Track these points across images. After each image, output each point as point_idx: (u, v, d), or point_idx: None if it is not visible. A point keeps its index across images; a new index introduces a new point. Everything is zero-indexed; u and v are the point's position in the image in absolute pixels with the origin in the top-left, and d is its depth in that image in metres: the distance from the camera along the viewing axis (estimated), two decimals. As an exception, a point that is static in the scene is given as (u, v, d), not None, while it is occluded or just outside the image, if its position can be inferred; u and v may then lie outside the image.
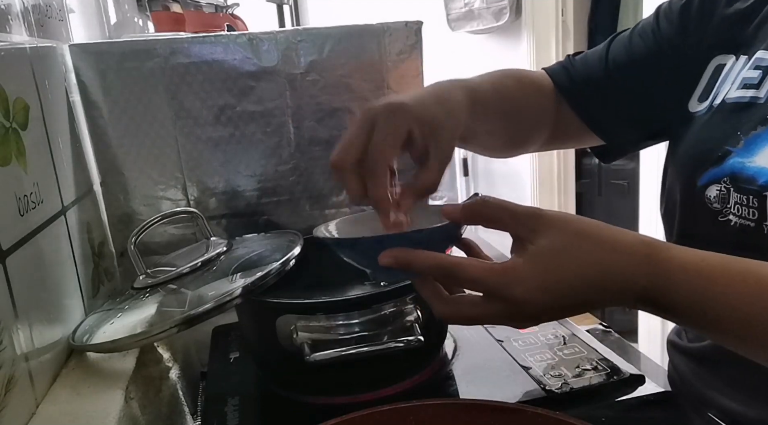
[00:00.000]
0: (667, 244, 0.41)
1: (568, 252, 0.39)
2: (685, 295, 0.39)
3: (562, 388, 0.55)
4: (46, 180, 0.56)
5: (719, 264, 0.39)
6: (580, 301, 0.40)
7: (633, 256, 0.40)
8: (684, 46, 0.60)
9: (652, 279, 0.39)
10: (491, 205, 0.42)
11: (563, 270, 0.39)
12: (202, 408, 0.65)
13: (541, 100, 0.67)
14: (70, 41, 0.71)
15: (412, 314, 0.54)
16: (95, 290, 0.66)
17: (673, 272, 0.39)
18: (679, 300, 0.39)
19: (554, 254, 0.39)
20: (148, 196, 0.74)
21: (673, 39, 0.61)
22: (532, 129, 0.68)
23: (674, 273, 0.39)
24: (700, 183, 0.53)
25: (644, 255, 0.40)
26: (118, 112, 0.71)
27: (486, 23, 2.49)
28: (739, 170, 0.50)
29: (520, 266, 0.39)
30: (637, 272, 0.39)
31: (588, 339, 0.64)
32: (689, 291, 0.39)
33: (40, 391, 0.49)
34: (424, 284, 0.43)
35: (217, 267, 0.61)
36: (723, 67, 0.56)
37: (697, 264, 0.39)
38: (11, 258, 0.46)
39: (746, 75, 0.53)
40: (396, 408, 0.43)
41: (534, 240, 0.40)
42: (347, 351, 0.51)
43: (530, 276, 0.39)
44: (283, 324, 0.54)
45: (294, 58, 0.73)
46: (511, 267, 0.40)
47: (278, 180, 0.76)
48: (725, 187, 0.51)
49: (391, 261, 0.42)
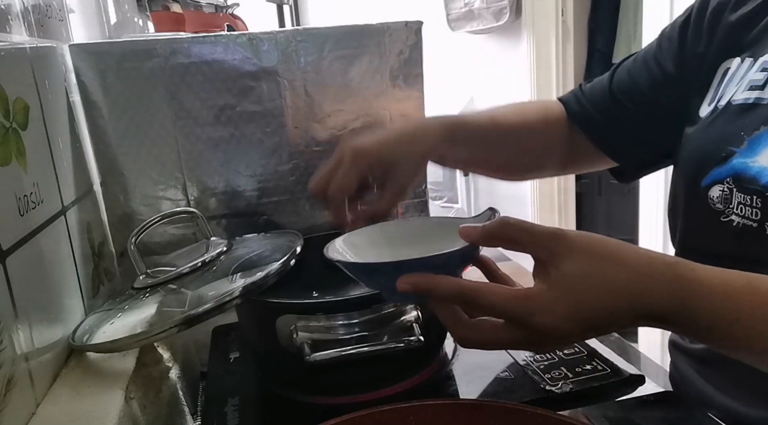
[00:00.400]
0: (692, 265, 0.40)
1: (593, 279, 0.39)
2: (711, 317, 0.38)
3: (562, 388, 0.55)
4: (46, 180, 0.56)
5: (746, 285, 0.39)
6: (604, 325, 0.40)
7: (659, 281, 0.39)
8: (687, 60, 0.61)
9: (680, 302, 0.38)
10: (511, 226, 0.41)
11: (589, 299, 0.38)
12: (202, 408, 0.65)
13: (548, 126, 0.70)
14: (70, 41, 0.71)
15: (411, 314, 0.54)
16: (95, 290, 0.66)
17: (700, 295, 0.39)
18: (704, 322, 0.39)
19: (579, 281, 0.38)
20: (148, 196, 0.74)
21: (676, 57, 0.62)
22: (539, 155, 0.71)
23: (701, 296, 0.39)
24: (704, 183, 0.53)
25: (671, 279, 0.39)
26: (118, 112, 0.71)
27: (486, 23, 2.49)
28: (742, 170, 0.50)
29: (544, 293, 0.39)
30: (664, 296, 0.39)
31: (588, 339, 0.64)
32: (716, 314, 0.38)
33: (40, 391, 0.49)
34: (444, 308, 0.42)
35: (217, 267, 0.61)
36: (728, 70, 0.57)
37: (723, 286, 0.39)
38: (11, 258, 0.46)
39: (752, 77, 0.53)
40: (396, 408, 0.43)
41: (557, 264, 0.39)
42: (347, 351, 0.51)
43: (555, 304, 0.38)
44: (283, 324, 0.54)
45: (294, 58, 0.73)
46: (535, 295, 0.39)
47: (278, 180, 0.77)
48: (728, 187, 0.51)
49: (409, 288, 0.41)
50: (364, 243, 0.52)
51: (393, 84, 0.76)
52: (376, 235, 0.53)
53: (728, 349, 0.41)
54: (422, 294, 0.41)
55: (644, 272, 0.39)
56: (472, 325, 0.42)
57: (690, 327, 0.40)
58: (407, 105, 0.77)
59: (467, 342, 0.42)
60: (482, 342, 0.42)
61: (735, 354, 0.41)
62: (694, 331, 0.40)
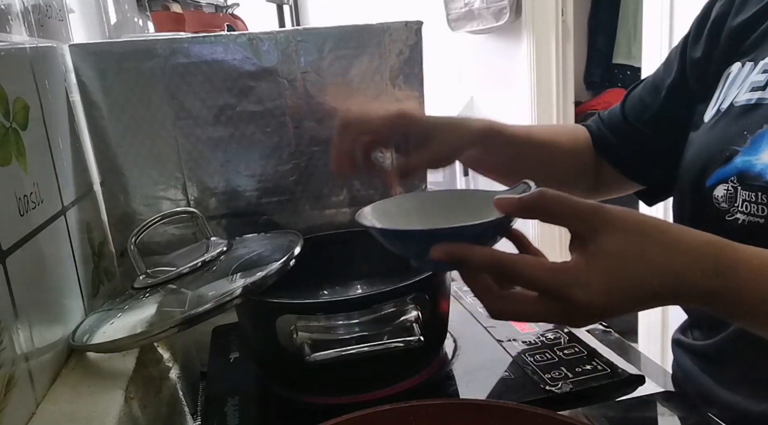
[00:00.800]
0: (732, 244, 0.40)
1: (633, 256, 0.38)
2: (752, 296, 0.38)
3: (562, 388, 0.55)
4: (46, 180, 0.56)
5: None
6: (640, 302, 0.39)
7: (700, 259, 0.39)
8: (690, 70, 0.63)
9: (721, 281, 0.38)
10: (549, 198, 0.40)
11: (627, 275, 0.38)
12: (202, 408, 0.65)
13: (577, 149, 0.73)
14: (70, 41, 0.71)
15: (412, 314, 0.54)
16: (95, 290, 0.66)
17: (741, 274, 0.39)
18: (745, 301, 0.39)
19: (618, 256, 0.38)
20: (148, 196, 0.74)
21: (680, 70, 0.65)
22: (568, 175, 0.73)
23: (743, 274, 0.39)
24: (708, 183, 0.53)
25: (712, 257, 0.39)
26: (118, 112, 0.71)
27: (486, 23, 2.49)
28: (746, 168, 0.50)
29: (582, 267, 0.38)
30: (705, 275, 0.38)
31: (588, 339, 0.64)
32: (757, 291, 0.38)
33: (40, 391, 0.49)
34: (476, 278, 0.42)
35: (217, 267, 0.61)
36: (730, 74, 0.58)
37: (762, 264, 0.39)
38: (11, 258, 0.46)
39: (754, 79, 0.54)
40: (396, 408, 0.43)
41: (596, 239, 0.38)
42: (347, 351, 0.51)
43: (592, 278, 0.38)
44: (283, 324, 0.54)
45: (294, 58, 0.73)
46: (572, 268, 0.39)
47: (278, 180, 0.76)
48: (732, 186, 0.51)
49: (444, 256, 0.41)
50: (396, 212, 0.51)
51: (393, 84, 0.76)
52: (408, 203, 0.52)
53: (755, 326, 0.41)
54: (457, 262, 0.41)
55: (684, 251, 0.39)
56: (505, 296, 0.41)
57: (729, 306, 0.40)
58: (407, 105, 0.77)
59: (499, 313, 0.42)
60: (515, 313, 0.42)
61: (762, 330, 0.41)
62: (735, 313, 0.41)
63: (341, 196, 0.79)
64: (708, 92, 0.60)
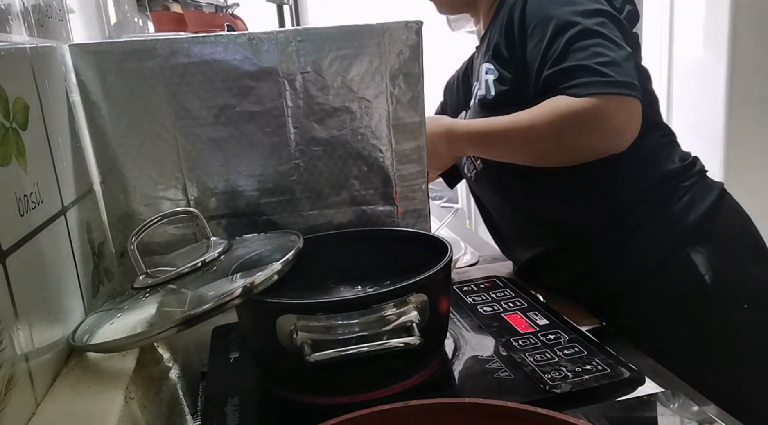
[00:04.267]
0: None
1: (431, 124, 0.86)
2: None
3: (562, 388, 0.55)
4: (46, 180, 0.56)
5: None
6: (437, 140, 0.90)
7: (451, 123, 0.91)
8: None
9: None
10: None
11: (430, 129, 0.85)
12: (202, 408, 0.65)
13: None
14: (70, 41, 0.71)
15: (412, 314, 0.54)
16: (95, 290, 0.66)
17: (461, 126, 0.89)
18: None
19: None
20: (148, 195, 0.74)
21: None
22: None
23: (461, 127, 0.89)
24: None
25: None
26: (118, 112, 0.71)
27: (486, 23, 2.48)
28: None
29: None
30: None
31: (588, 339, 0.64)
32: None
33: (40, 391, 0.49)
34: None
35: (217, 267, 0.61)
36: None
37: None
38: (11, 258, 0.46)
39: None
40: (396, 408, 0.42)
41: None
42: (347, 351, 0.51)
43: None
44: (283, 324, 0.54)
45: (294, 58, 0.73)
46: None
47: (278, 180, 0.76)
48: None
49: None
50: None
51: (393, 84, 0.76)
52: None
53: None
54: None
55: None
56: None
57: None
58: (407, 105, 0.77)
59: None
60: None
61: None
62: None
63: (341, 196, 0.79)
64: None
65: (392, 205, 0.80)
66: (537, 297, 0.77)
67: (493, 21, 0.91)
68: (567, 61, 0.76)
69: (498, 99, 0.86)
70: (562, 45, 0.77)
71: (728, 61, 1.83)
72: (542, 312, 0.71)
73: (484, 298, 0.77)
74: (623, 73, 0.74)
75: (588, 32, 0.76)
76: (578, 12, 0.78)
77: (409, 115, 0.78)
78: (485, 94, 0.88)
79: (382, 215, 0.80)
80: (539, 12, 0.81)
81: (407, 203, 0.81)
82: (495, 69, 0.87)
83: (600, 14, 0.78)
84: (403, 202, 0.81)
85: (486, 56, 0.89)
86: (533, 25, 0.81)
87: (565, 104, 0.75)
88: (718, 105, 1.89)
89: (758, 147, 1.95)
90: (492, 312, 0.73)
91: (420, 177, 0.81)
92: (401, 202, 0.80)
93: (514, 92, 0.84)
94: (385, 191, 0.79)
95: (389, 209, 0.80)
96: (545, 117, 0.76)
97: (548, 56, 0.78)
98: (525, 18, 0.82)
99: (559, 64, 0.77)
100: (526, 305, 0.74)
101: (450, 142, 0.90)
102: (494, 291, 0.79)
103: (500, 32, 0.86)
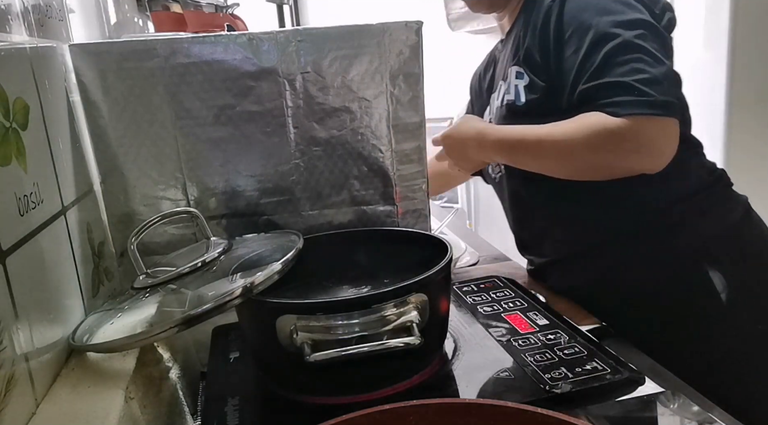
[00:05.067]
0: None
1: (461, 125, 0.93)
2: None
3: (562, 388, 0.55)
4: (46, 180, 0.56)
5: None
6: (467, 139, 0.91)
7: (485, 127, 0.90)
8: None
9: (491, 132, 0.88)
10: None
11: (459, 129, 0.92)
12: (202, 408, 0.65)
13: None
14: (70, 41, 0.71)
15: (412, 314, 0.54)
16: (95, 290, 0.66)
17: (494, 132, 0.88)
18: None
19: (455, 126, 0.93)
20: (148, 196, 0.74)
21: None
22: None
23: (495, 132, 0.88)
24: None
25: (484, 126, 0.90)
26: (118, 112, 0.71)
27: (486, 23, 2.48)
28: None
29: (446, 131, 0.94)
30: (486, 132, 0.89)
31: (588, 339, 0.64)
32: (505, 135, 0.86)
33: (40, 391, 0.49)
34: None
35: (217, 267, 0.61)
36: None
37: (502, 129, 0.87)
38: (11, 258, 0.46)
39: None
40: (396, 408, 0.42)
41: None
42: (347, 351, 0.51)
43: (447, 131, 0.94)
44: (283, 324, 0.54)
45: (294, 58, 0.73)
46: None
47: (278, 180, 0.76)
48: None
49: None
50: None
51: (393, 84, 0.76)
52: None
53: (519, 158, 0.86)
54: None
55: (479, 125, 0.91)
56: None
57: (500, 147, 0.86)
58: (407, 105, 0.77)
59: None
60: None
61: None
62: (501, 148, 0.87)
63: (341, 196, 0.79)
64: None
65: (392, 205, 0.80)
66: (537, 297, 0.77)
67: (521, 16, 0.88)
68: (605, 76, 0.73)
69: (527, 106, 0.83)
70: (601, 58, 0.73)
71: (728, 61, 1.83)
72: (542, 312, 0.71)
73: (484, 298, 0.77)
74: (663, 91, 0.71)
75: (628, 46, 0.73)
76: (618, 22, 0.74)
77: (409, 115, 0.78)
78: (514, 99, 0.85)
79: (382, 215, 0.80)
80: (577, 19, 0.77)
81: (407, 203, 0.81)
82: (526, 74, 0.84)
83: (641, 25, 0.75)
84: (403, 202, 0.81)
85: (515, 58, 0.86)
86: (570, 32, 0.78)
87: (602, 122, 0.72)
88: (718, 105, 1.89)
89: (758, 147, 1.95)
90: (492, 312, 0.73)
91: (420, 177, 0.81)
92: (401, 202, 0.80)
93: (545, 101, 0.81)
94: (385, 191, 0.79)
95: (389, 209, 0.80)
96: (580, 133, 0.74)
97: (585, 69, 0.75)
98: (562, 23, 0.79)
99: (597, 79, 0.74)
100: (526, 305, 0.74)
101: (480, 148, 0.88)
102: (494, 291, 0.79)
103: (533, 35, 0.83)
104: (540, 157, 0.81)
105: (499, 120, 0.92)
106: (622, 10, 0.76)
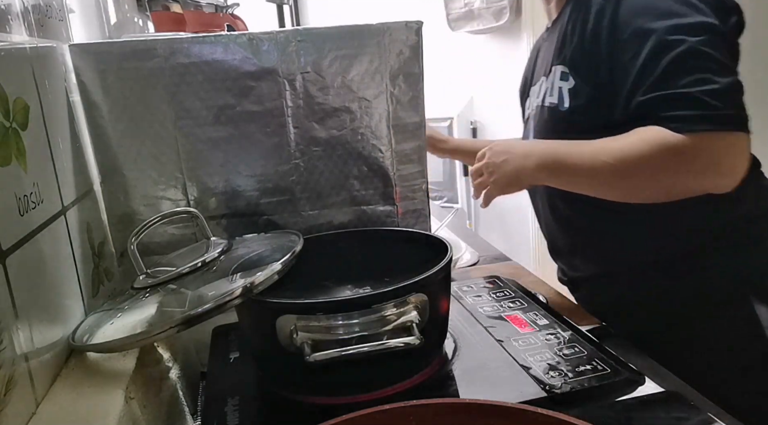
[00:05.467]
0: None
1: (502, 145, 0.85)
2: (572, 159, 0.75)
3: (562, 388, 0.55)
4: (46, 180, 0.56)
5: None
6: (512, 161, 0.81)
7: (537, 146, 0.82)
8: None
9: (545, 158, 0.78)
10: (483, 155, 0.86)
11: (498, 149, 0.84)
12: (202, 408, 0.65)
13: None
14: (70, 41, 0.71)
15: (412, 314, 0.54)
16: (95, 290, 0.66)
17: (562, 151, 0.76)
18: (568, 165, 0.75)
19: (496, 145, 0.85)
20: (148, 196, 0.74)
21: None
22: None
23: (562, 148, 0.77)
24: None
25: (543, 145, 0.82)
26: (118, 112, 0.71)
27: (486, 23, 2.48)
28: None
29: (485, 153, 0.85)
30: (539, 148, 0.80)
31: (588, 339, 0.64)
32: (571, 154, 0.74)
33: (40, 391, 0.49)
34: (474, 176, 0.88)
35: (217, 267, 0.61)
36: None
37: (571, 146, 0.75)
38: (11, 258, 0.46)
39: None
40: (396, 408, 0.42)
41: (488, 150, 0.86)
42: (347, 351, 0.51)
43: (487, 152, 0.85)
44: (283, 324, 0.54)
45: (294, 58, 0.73)
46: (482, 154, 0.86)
47: (278, 180, 0.76)
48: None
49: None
50: None
51: (393, 84, 0.76)
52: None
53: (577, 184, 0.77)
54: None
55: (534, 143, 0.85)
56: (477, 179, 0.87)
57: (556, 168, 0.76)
58: (407, 105, 0.77)
59: (479, 184, 0.87)
60: (480, 184, 0.86)
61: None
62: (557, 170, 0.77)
63: (341, 196, 0.79)
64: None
65: (392, 205, 0.80)
66: (537, 297, 0.77)
67: (569, 4, 0.82)
68: (667, 88, 0.66)
69: (572, 113, 0.77)
70: (662, 67, 0.67)
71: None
72: (542, 312, 0.71)
73: (484, 298, 0.77)
74: (732, 103, 0.65)
75: (693, 53, 0.66)
76: (681, 27, 0.67)
77: (409, 115, 0.78)
78: (557, 103, 0.79)
79: (382, 215, 0.80)
80: (635, 22, 0.70)
81: (407, 203, 0.81)
82: (571, 77, 0.77)
83: (706, 30, 0.67)
84: (403, 202, 0.81)
85: (561, 56, 0.80)
86: (626, 36, 0.71)
87: (664, 139, 0.65)
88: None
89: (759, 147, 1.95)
90: (492, 312, 0.73)
91: (420, 177, 0.81)
92: (401, 202, 0.80)
93: (593, 109, 0.75)
94: (385, 191, 0.79)
95: (389, 209, 0.80)
96: (640, 151, 0.67)
97: (644, 78, 0.68)
98: (617, 26, 0.72)
99: (658, 90, 0.67)
100: (526, 305, 0.74)
101: (524, 160, 0.79)
102: (494, 291, 0.79)
103: (582, 36, 0.76)
104: (595, 181, 0.72)
105: (539, 121, 0.86)
106: (685, 12, 0.68)
